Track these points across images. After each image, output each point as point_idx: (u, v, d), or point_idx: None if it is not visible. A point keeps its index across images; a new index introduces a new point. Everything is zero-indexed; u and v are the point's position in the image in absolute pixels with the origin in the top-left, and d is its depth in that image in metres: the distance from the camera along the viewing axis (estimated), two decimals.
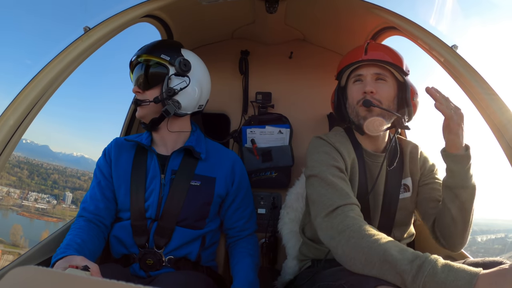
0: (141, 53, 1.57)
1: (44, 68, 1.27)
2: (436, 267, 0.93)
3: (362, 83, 1.49)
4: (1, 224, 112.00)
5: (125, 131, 2.23)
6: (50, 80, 1.27)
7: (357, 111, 1.48)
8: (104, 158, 1.65)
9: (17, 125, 1.22)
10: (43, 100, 1.28)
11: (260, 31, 2.29)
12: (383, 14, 1.62)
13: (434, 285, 0.90)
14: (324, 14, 1.99)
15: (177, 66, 1.56)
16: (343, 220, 1.19)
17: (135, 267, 1.49)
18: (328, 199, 1.28)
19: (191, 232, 1.54)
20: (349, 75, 1.56)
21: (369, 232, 1.11)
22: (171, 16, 1.89)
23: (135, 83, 1.59)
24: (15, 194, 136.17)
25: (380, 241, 1.07)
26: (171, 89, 1.53)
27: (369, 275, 1.05)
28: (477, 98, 1.37)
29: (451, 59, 1.42)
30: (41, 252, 1.49)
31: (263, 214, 2.24)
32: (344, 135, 1.58)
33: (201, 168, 1.61)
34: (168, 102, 1.53)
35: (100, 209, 1.54)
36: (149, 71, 1.56)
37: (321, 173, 1.37)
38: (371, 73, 1.48)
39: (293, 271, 1.72)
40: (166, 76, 1.55)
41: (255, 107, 2.39)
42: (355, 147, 1.53)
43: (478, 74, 1.36)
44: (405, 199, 1.55)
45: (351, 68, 1.52)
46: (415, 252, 1.01)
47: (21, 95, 1.22)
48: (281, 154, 2.21)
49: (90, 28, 1.39)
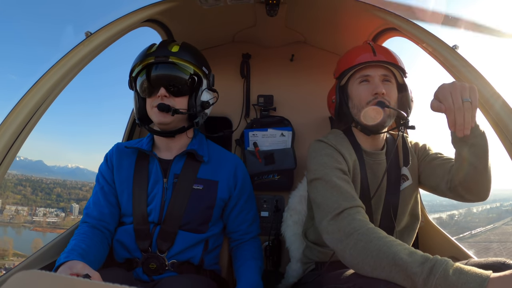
0: (176, 55, 1.52)
1: (46, 73, 1.28)
2: (447, 269, 0.93)
3: (369, 84, 1.49)
4: (19, 241, 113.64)
5: (127, 136, 2.23)
6: (53, 85, 1.28)
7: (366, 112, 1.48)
8: (106, 163, 1.64)
9: (20, 129, 1.22)
10: (45, 105, 1.29)
11: (261, 34, 2.30)
12: (384, 15, 1.63)
13: (445, 287, 0.90)
14: (324, 16, 2.00)
15: (210, 80, 1.63)
16: (350, 222, 1.19)
17: (138, 271, 1.48)
18: (333, 202, 1.27)
19: (194, 236, 1.53)
20: (352, 75, 1.56)
21: (377, 235, 1.11)
22: (172, 21, 1.90)
23: (162, 85, 1.49)
24: (23, 211, 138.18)
25: (388, 244, 1.06)
26: (207, 103, 1.59)
27: (378, 278, 1.04)
28: (479, 99, 1.37)
29: (452, 60, 1.42)
30: (44, 257, 1.49)
31: (266, 217, 2.24)
32: (343, 137, 1.58)
33: (204, 172, 1.60)
34: (200, 115, 1.58)
35: (104, 215, 1.54)
36: (182, 77, 1.53)
37: (325, 176, 1.36)
38: (379, 74, 1.49)
39: (297, 274, 1.72)
40: (200, 88, 1.57)
41: (257, 110, 2.40)
42: (355, 148, 1.54)
43: (480, 73, 1.36)
44: (406, 188, 1.55)
45: (358, 68, 1.52)
46: (424, 254, 1.00)
47: (23, 101, 1.23)
48: (283, 156, 2.20)
49: (91, 33, 1.39)
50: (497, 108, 1.30)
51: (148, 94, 1.53)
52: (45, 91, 1.26)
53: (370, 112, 1.46)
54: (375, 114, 1.46)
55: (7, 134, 1.19)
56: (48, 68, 1.29)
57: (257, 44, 2.43)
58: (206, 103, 1.59)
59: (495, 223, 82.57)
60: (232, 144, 2.38)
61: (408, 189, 1.55)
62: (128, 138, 2.23)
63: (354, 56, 1.56)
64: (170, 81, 1.50)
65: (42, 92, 1.25)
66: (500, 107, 1.30)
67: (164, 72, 1.51)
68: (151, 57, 1.50)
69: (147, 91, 1.54)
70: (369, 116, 1.47)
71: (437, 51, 1.46)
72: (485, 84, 1.34)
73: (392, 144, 1.60)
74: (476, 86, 1.16)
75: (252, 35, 2.33)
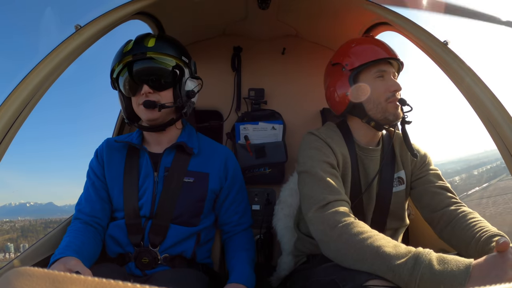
0: (153, 50, 1.51)
1: (36, 67, 1.26)
2: (431, 260, 0.95)
3: (384, 80, 1.49)
4: None
5: (118, 131, 2.22)
6: (42, 79, 1.26)
7: (385, 108, 1.48)
8: (96, 159, 1.64)
9: (9, 125, 1.20)
10: (34, 100, 1.26)
11: (252, 27, 2.28)
12: (376, 9, 1.63)
13: (431, 277, 0.92)
14: (316, 9, 1.99)
15: (192, 69, 1.61)
16: (334, 215, 1.21)
17: (131, 266, 1.48)
18: (319, 194, 1.29)
19: (186, 229, 1.53)
20: (366, 69, 1.51)
21: (360, 229, 1.13)
22: (163, 13, 1.88)
23: (144, 82, 1.49)
24: None
25: (373, 238, 1.08)
26: (192, 91, 1.58)
27: (361, 269, 1.06)
28: (469, 93, 1.38)
29: (443, 55, 1.43)
30: (36, 253, 1.48)
31: (258, 210, 2.25)
32: (336, 130, 1.58)
33: (194, 164, 1.60)
34: (187, 105, 1.57)
35: (96, 211, 1.53)
36: (164, 71, 1.52)
37: (312, 169, 1.38)
38: (392, 71, 1.51)
39: (289, 267, 1.73)
40: (183, 78, 1.56)
41: (248, 104, 2.39)
42: (348, 142, 1.54)
43: (470, 69, 1.37)
44: (400, 192, 1.57)
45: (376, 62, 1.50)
46: (407, 247, 1.03)
47: (12, 96, 1.20)
48: (274, 150, 2.21)
49: (81, 26, 1.37)
50: (487, 104, 1.32)
51: (133, 93, 1.53)
52: (34, 85, 1.23)
53: (391, 109, 1.47)
54: (397, 111, 1.48)
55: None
56: (37, 62, 1.27)
57: (248, 37, 2.41)
58: (191, 92, 1.59)
59: (491, 181, 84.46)
60: (223, 137, 2.37)
61: (401, 192, 1.57)
62: (118, 134, 2.22)
63: (372, 50, 1.53)
64: (151, 77, 1.50)
65: (31, 86, 1.23)
66: (491, 102, 1.31)
67: (144, 69, 1.50)
68: (128, 55, 1.49)
69: (130, 90, 1.53)
70: (391, 113, 1.48)
71: (428, 46, 1.47)
72: (476, 79, 1.35)
73: (388, 141, 1.61)
74: (466, 81, 1.17)
75: (243, 28, 2.31)
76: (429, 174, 1.55)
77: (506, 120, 1.28)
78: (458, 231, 1.32)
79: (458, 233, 1.32)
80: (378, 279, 1.01)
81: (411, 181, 1.59)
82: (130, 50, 1.50)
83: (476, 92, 1.34)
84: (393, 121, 1.49)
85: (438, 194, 1.47)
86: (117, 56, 1.54)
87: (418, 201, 1.55)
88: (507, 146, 1.27)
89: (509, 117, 1.28)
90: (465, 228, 1.29)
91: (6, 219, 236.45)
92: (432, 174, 1.55)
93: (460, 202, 1.44)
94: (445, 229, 1.39)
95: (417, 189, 1.56)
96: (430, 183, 1.52)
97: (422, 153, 1.62)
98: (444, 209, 1.42)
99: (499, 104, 1.30)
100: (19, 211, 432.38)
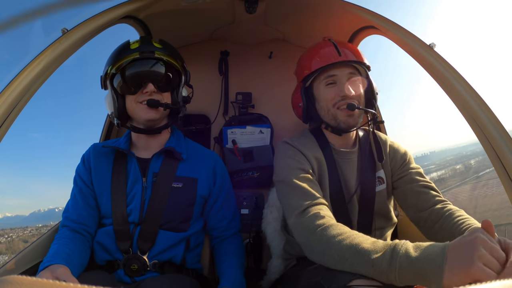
0: (162, 51, 1.53)
1: (22, 71, 1.24)
2: (408, 248, 0.98)
3: (336, 85, 1.49)
4: None
5: (105, 136, 2.19)
6: (29, 83, 1.24)
7: (334, 114, 1.50)
8: (83, 165, 1.61)
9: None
10: (21, 105, 1.24)
11: (239, 31, 2.29)
12: (362, 13, 1.65)
13: (409, 264, 0.94)
14: (303, 14, 2.01)
15: (188, 76, 1.64)
16: (313, 219, 1.24)
17: (120, 273, 1.46)
18: (296, 201, 1.32)
19: (175, 235, 1.52)
20: (316, 76, 1.55)
21: (339, 231, 1.15)
22: (150, 17, 1.87)
23: (150, 80, 1.48)
24: None
25: (352, 237, 1.11)
26: (187, 97, 1.63)
27: (343, 270, 1.08)
28: (455, 96, 1.41)
29: (429, 58, 1.45)
30: (23, 261, 1.45)
31: (246, 214, 2.24)
32: (309, 136, 1.60)
33: (183, 170, 1.59)
34: (182, 110, 1.60)
35: (83, 217, 1.51)
36: (169, 73, 1.54)
37: (287, 178, 1.41)
38: (346, 74, 1.50)
39: (279, 270, 1.73)
40: (181, 84, 1.59)
41: (235, 108, 2.39)
42: (323, 146, 1.55)
43: (456, 71, 1.40)
44: (382, 191, 1.58)
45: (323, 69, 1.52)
46: (385, 242, 1.05)
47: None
48: (262, 154, 2.21)
49: (68, 30, 1.36)
50: (473, 106, 1.35)
51: (134, 91, 1.50)
52: (21, 89, 1.21)
53: (341, 116, 1.48)
54: (346, 118, 1.48)
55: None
56: (24, 66, 1.25)
57: (236, 41, 2.42)
58: (186, 98, 1.62)
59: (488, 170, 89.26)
60: (210, 141, 2.36)
61: (383, 192, 1.59)
62: (105, 139, 2.18)
63: (317, 58, 1.55)
64: (158, 77, 1.50)
65: (18, 90, 1.21)
66: (477, 104, 1.34)
67: (152, 67, 1.50)
68: (135, 52, 1.48)
69: (132, 87, 1.50)
70: (341, 120, 1.49)
71: (415, 49, 1.49)
72: (462, 82, 1.38)
73: (365, 142, 1.62)
74: (453, 83, 1.19)
75: (231, 33, 2.32)
76: (411, 173, 1.57)
77: (491, 120, 1.32)
78: (446, 229, 1.34)
79: (446, 231, 1.34)
80: (361, 278, 1.03)
81: (393, 180, 1.61)
82: (138, 47, 1.50)
83: (463, 95, 1.37)
84: (346, 129, 1.52)
85: (423, 193, 1.49)
86: (120, 52, 1.51)
87: (403, 201, 1.57)
88: (490, 141, 1.32)
89: (494, 116, 1.32)
90: (453, 226, 1.31)
91: (40, 224, 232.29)
92: (415, 173, 1.56)
93: (446, 200, 1.46)
94: (433, 227, 1.41)
95: (400, 189, 1.57)
96: (414, 182, 1.53)
97: (402, 152, 1.63)
98: (430, 208, 1.44)
99: (486, 107, 1.33)
100: (49, 216, 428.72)
